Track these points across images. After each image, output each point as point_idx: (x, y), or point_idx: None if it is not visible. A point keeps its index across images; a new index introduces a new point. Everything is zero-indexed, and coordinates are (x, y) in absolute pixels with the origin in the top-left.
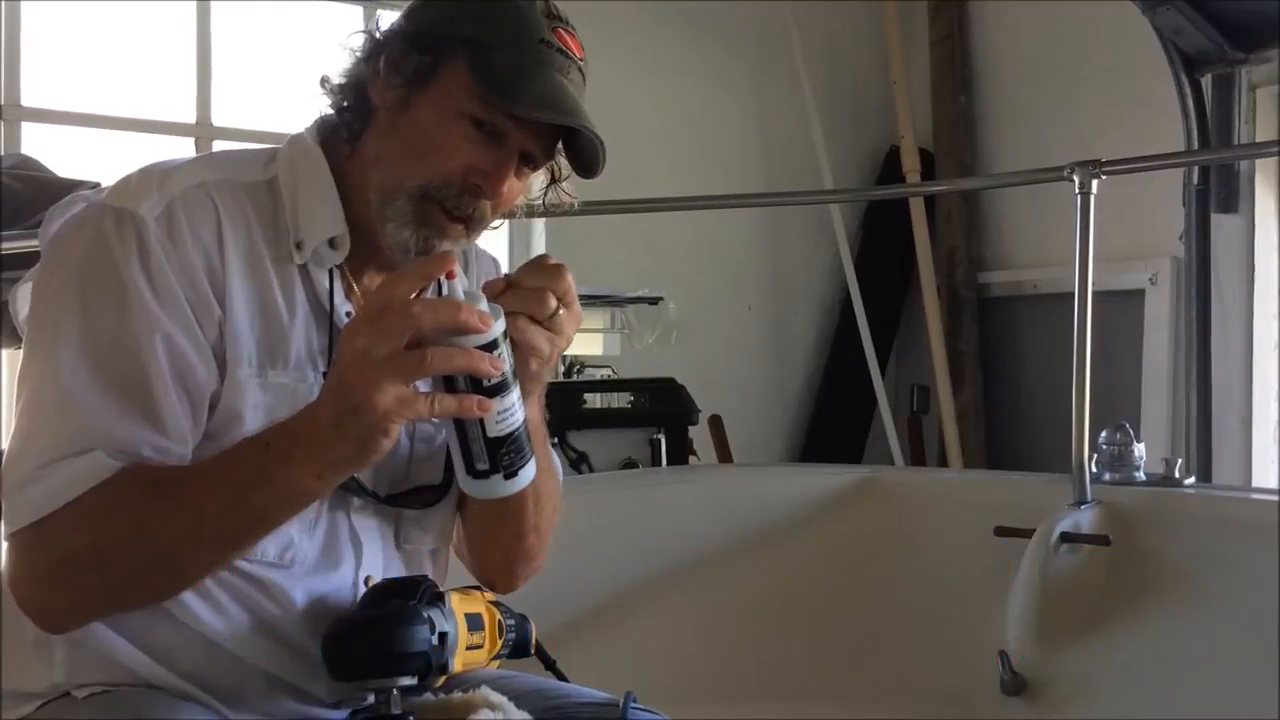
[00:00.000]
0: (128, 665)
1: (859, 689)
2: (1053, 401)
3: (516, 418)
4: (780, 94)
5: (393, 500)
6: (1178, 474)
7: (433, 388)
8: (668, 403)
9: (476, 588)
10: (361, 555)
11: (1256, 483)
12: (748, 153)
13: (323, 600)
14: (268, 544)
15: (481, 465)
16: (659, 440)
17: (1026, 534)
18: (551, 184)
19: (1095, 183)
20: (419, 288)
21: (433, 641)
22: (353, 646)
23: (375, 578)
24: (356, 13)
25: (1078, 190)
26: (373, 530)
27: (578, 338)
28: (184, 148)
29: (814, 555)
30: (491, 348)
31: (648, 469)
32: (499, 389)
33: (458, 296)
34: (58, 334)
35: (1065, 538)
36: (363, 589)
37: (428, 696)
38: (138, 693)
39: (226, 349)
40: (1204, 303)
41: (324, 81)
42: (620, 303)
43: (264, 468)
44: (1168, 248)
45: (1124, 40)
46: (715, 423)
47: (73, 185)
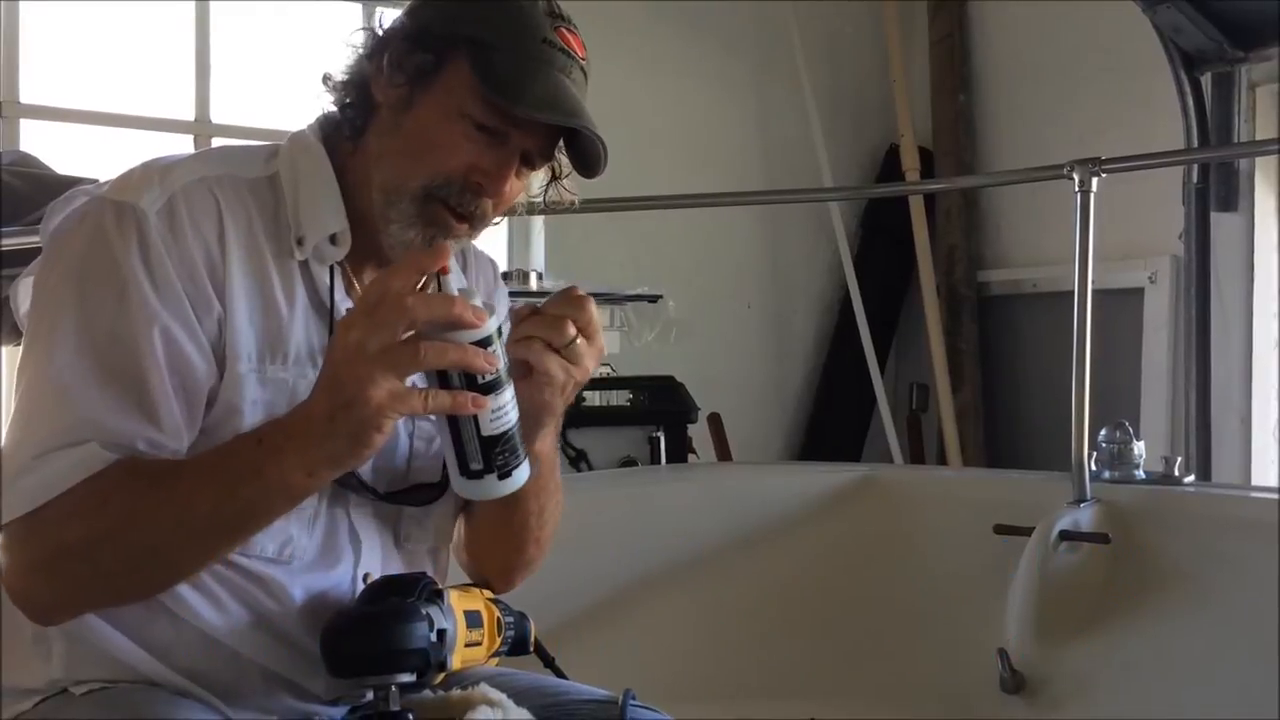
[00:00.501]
0: (126, 661)
1: (858, 687)
2: (1052, 400)
3: (510, 417)
4: (780, 93)
5: (391, 498)
6: (1177, 472)
7: (427, 384)
8: (667, 401)
9: (475, 585)
10: (360, 552)
11: (1256, 481)
12: (747, 151)
13: (321, 597)
14: (266, 540)
15: (475, 465)
16: (658, 438)
17: (1026, 532)
18: (552, 181)
19: (1095, 181)
20: (414, 281)
21: (431, 638)
22: (351, 643)
23: (374, 575)
24: (356, 10)
25: (1077, 188)
26: (372, 528)
27: None
28: (183, 145)
29: (813, 554)
30: (485, 344)
31: (647, 467)
32: (493, 386)
33: (452, 292)
34: (55, 326)
35: (1064, 536)
36: (361, 586)
37: (426, 694)
38: (136, 689)
39: (226, 344)
40: (1203, 301)
41: (326, 79)
42: (620, 300)
43: (255, 462)
44: (1167, 246)
45: (1124, 39)
46: (714, 421)
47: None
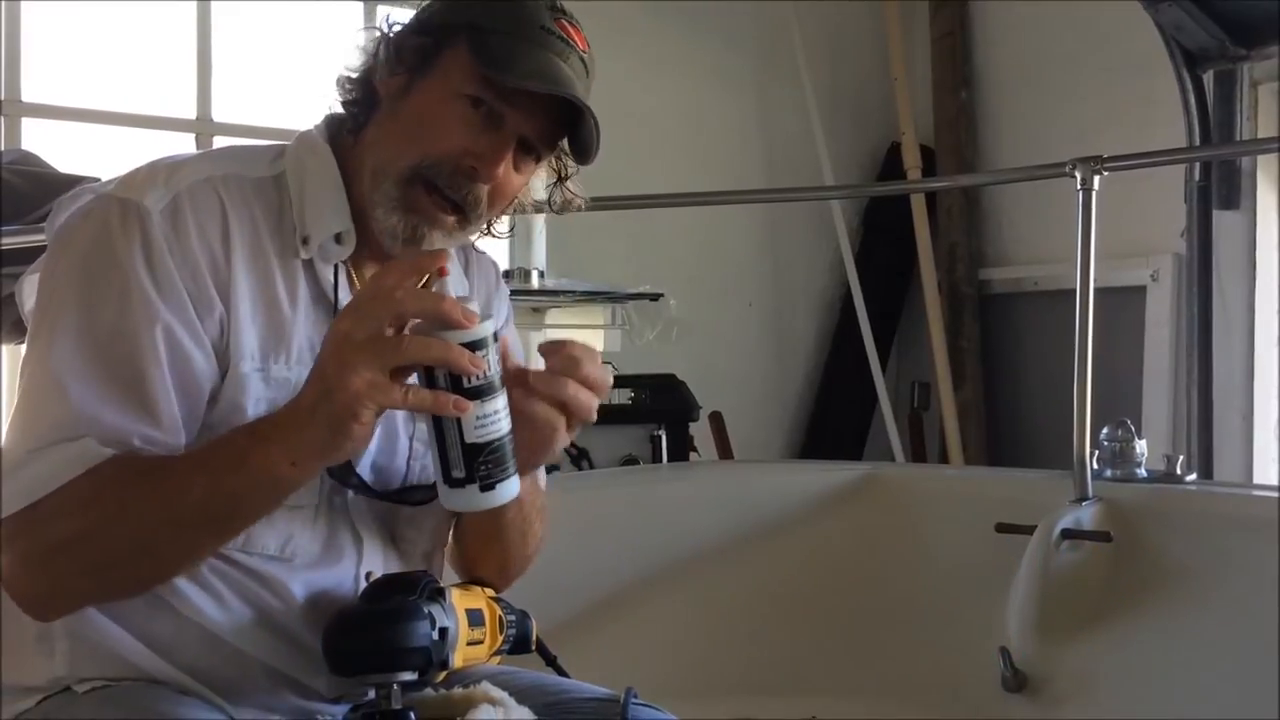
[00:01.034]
0: (129, 659)
1: (859, 685)
2: (1054, 398)
3: (498, 428)
4: (781, 91)
5: (387, 496)
6: (1179, 470)
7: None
8: (668, 399)
9: (476, 583)
10: (363, 551)
11: (1258, 479)
12: (749, 149)
13: (324, 595)
14: (267, 538)
15: (458, 473)
16: (659, 437)
17: (1028, 530)
18: (558, 182)
19: (1097, 179)
20: (409, 278)
21: (433, 637)
22: (353, 641)
23: (377, 574)
24: (357, 9)
25: (1079, 186)
26: (374, 528)
27: (578, 335)
28: (184, 143)
29: (814, 552)
30: (475, 348)
31: (648, 465)
32: (480, 392)
33: (447, 293)
34: (57, 322)
35: (1066, 534)
36: (364, 584)
37: (428, 692)
38: (139, 687)
39: (229, 344)
40: (1205, 299)
41: (338, 82)
42: (621, 299)
43: (241, 452)
44: (1169, 244)
45: (1125, 37)
46: (716, 419)
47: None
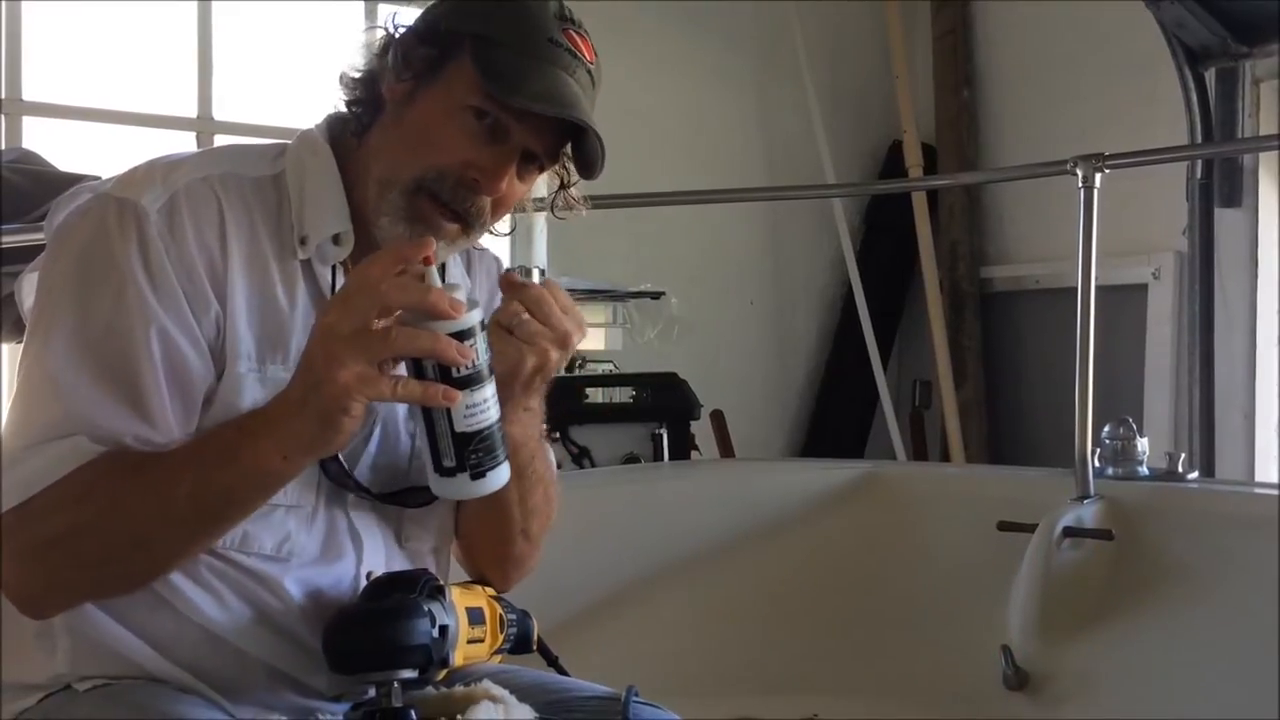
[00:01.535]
0: (129, 657)
1: (861, 683)
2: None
3: (487, 416)
4: (783, 89)
5: (386, 499)
6: (1181, 469)
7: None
8: (669, 398)
9: (478, 582)
10: (362, 551)
11: (1259, 478)
12: (750, 148)
13: (323, 594)
14: (265, 537)
15: (448, 462)
16: (661, 435)
17: (1029, 529)
18: (560, 190)
19: (1098, 177)
20: (393, 269)
21: (433, 635)
22: (353, 639)
23: (377, 573)
24: (358, 8)
25: (1081, 184)
26: (373, 527)
27: None
28: (185, 142)
29: (816, 551)
30: (463, 337)
31: (649, 464)
32: (469, 382)
33: (435, 284)
34: (53, 321)
35: (1068, 533)
36: (364, 583)
37: (429, 690)
38: (139, 686)
39: (225, 344)
40: (1207, 297)
41: (341, 79)
42: (622, 297)
43: (232, 446)
44: (1171, 242)
45: (1127, 35)
46: (717, 418)
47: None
